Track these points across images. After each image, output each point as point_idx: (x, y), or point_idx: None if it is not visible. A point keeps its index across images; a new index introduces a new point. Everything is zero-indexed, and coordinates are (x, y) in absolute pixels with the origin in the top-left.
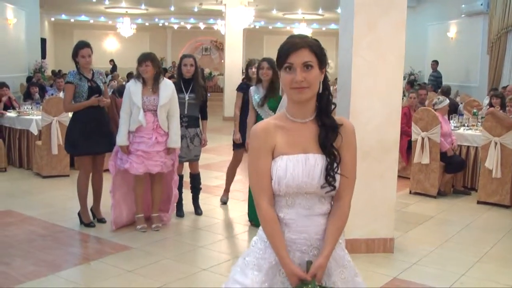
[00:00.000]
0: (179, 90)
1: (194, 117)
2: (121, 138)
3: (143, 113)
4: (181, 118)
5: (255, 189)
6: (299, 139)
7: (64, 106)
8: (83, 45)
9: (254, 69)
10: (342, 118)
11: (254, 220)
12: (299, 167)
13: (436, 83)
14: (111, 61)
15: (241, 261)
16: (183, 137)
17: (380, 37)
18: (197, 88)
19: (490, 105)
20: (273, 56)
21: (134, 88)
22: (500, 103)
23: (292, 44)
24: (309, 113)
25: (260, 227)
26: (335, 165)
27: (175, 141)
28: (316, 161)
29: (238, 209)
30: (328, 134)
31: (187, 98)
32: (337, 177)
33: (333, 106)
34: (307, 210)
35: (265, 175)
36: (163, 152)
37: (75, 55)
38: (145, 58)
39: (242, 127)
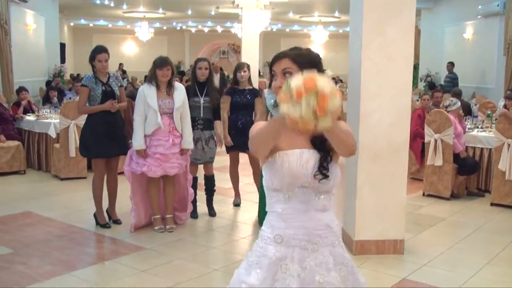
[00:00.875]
0: (194, 94)
1: (209, 120)
2: (138, 142)
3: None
4: (196, 121)
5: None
6: (296, 137)
7: (78, 109)
8: (100, 50)
9: (242, 73)
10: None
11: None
12: (294, 159)
13: (452, 84)
14: (121, 65)
15: (245, 263)
16: (198, 139)
17: (389, 40)
18: (211, 92)
19: (505, 107)
20: None
21: (148, 92)
22: None
23: (276, 56)
24: None
25: (262, 227)
26: (328, 159)
27: (190, 142)
28: (310, 155)
29: (251, 211)
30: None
31: (202, 101)
32: (332, 169)
33: None
34: (304, 204)
35: None
36: (178, 153)
37: (92, 59)
38: (166, 63)
39: (232, 129)
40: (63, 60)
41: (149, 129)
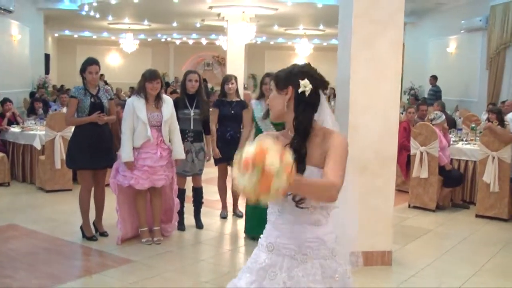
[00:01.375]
0: (184, 106)
1: (199, 132)
2: (128, 155)
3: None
4: (186, 133)
5: None
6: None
7: (66, 120)
8: (92, 62)
9: (230, 85)
10: (331, 129)
11: (250, 233)
12: None
13: (435, 97)
14: (102, 76)
15: (241, 271)
16: (188, 151)
17: (377, 54)
18: (201, 104)
19: (488, 120)
20: (274, 71)
21: (138, 104)
22: (496, 118)
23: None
24: (290, 126)
25: (261, 237)
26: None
27: (180, 152)
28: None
29: (239, 223)
30: (297, 139)
31: (192, 113)
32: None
33: (310, 120)
34: (295, 217)
35: None
36: (165, 166)
37: (83, 70)
38: (156, 76)
39: (220, 141)
40: (47, 71)
41: (138, 141)
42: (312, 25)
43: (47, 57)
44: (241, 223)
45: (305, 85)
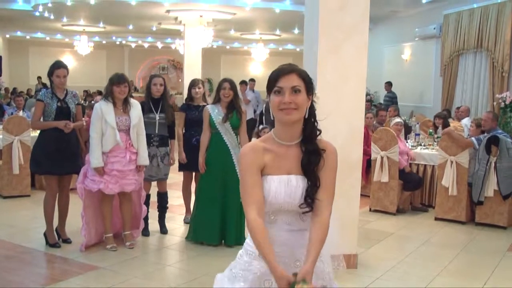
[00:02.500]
0: (148, 110)
1: (164, 136)
2: (97, 160)
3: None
4: (151, 138)
5: (246, 201)
6: (284, 161)
7: (32, 123)
8: (59, 65)
9: (197, 89)
10: (326, 143)
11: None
12: (282, 187)
13: (391, 103)
14: (39, 78)
15: (228, 272)
16: (154, 156)
17: (343, 60)
18: (166, 108)
19: (434, 125)
20: (230, 75)
21: (106, 109)
22: (442, 123)
23: (282, 69)
24: (295, 137)
25: (246, 241)
26: (315, 188)
27: (145, 158)
28: (297, 183)
29: None
30: (311, 159)
31: (157, 118)
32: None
33: (318, 132)
34: (288, 225)
35: (255, 188)
36: (135, 170)
37: (50, 74)
38: (123, 80)
39: (186, 146)
40: None
41: (106, 146)
42: (269, 30)
43: None
44: None
45: (317, 94)
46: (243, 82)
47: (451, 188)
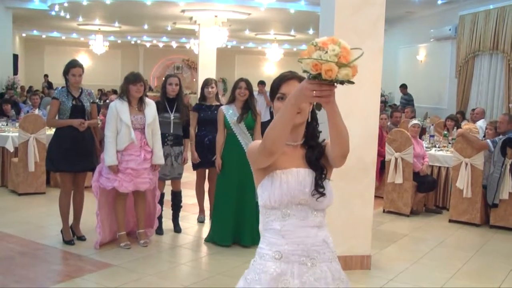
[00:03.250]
0: (163, 110)
1: (178, 136)
2: (111, 158)
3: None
4: (166, 137)
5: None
6: (290, 158)
7: (47, 121)
8: (75, 64)
9: (210, 89)
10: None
11: (212, 240)
12: (292, 177)
13: (408, 106)
14: (46, 76)
15: (242, 281)
16: (168, 155)
17: (358, 62)
18: (181, 108)
19: (445, 126)
20: (244, 75)
21: (121, 107)
22: (454, 126)
23: (283, 77)
24: (299, 138)
25: (259, 245)
26: (323, 177)
27: (160, 157)
28: (306, 173)
29: None
30: (314, 152)
31: (172, 117)
32: (327, 186)
33: (318, 133)
34: (301, 221)
35: None
36: (149, 169)
37: (66, 72)
38: (139, 79)
39: (199, 146)
40: (15, 71)
41: (121, 144)
42: (283, 30)
43: (15, 57)
44: None
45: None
46: (262, 82)
47: (466, 190)
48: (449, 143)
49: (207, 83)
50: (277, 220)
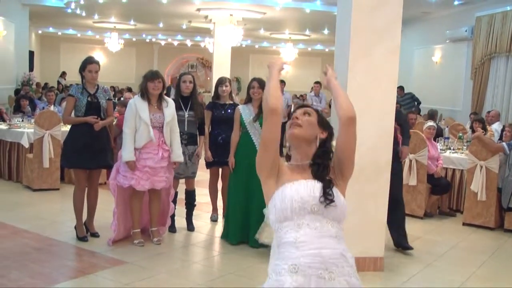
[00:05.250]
0: (178, 108)
1: (193, 134)
2: (129, 154)
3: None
4: (180, 136)
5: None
6: (299, 174)
7: (63, 118)
8: (91, 61)
9: (224, 88)
10: None
11: (227, 238)
12: (301, 185)
13: (413, 101)
14: (64, 74)
15: None
16: (182, 154)
17: (374, 62)
18: (195, 106)
19: (471, 128)
20: (259, 74)
21: (140, 105)
22: (481, 127)
23: (298, 106)
24: (306, 158)
25: (273, 262)
26: (331, 185)
27: (179, 155)
28: (314, 184)
29: None
30: (319, 167)
31: (186, 115)
32: (337, 195)
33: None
34: (315, 230)
35: None
36: (166, 167)
37: (82, 69)
38: (157, 76)
39: (213, 144)
40: (31, 68)
41: (140, 142)
42: (298, 30)
43: (31, 54)
44: None
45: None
46: (281, 82)
47: (480, 193)
48: (464, 146)
49: (221, 81)
50: (291, 232)
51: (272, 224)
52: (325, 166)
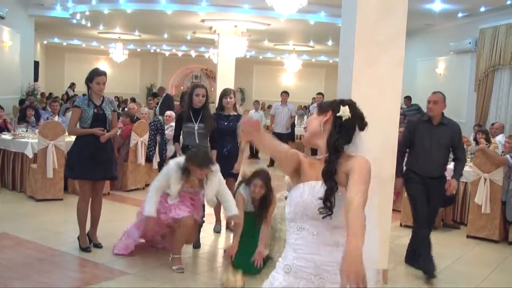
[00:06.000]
0: (188, 119)
1: (203, 147)
2: (151, 210)
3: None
4: (190, 149)
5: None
6: (316, 171)
7: (68, 129)
8: (100, 73)
9: (229, 99)
10: (356, 156)
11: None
12: (307, 190)
13: (419, 113)
14: (73, 85)
15: None
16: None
17: (379, 74)
18: (206, 118)
19: (475, 140)
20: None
21: (175, 179)
22: (485, 139)
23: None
24: (322, 152)
25: (279, 260)
26: (332, 192)
27: (235, 208)
28: (321, 186)
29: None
30: (328, 167)
31: (196, 127)
32: (338, 204)
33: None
34: (314, 237)
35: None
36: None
37: (90, 80)
38: (208, 164)
39: (217, 156)
40: (36, 78)
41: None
42: (302, 41)
43: (36, 64)
44: None
45: (344, 111)
46: (285, 93)
47: (484, 206)
48: (468, 158)
49: (225, 93)
50: (293, 233)
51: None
52: (333, 165)
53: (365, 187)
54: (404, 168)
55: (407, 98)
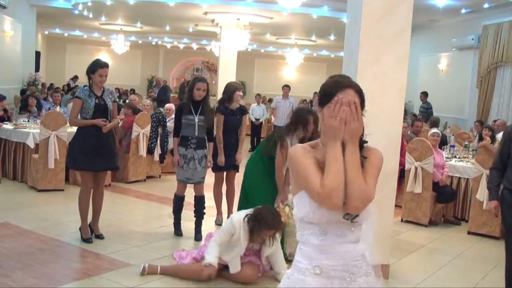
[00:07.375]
0: (188, 112)
1: (202, 139)
2: (212, 259)
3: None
4: (190, 140)
5: (309, 180)
6: None
7: (70, 120)
8: (103, 65)
9: (240, 92)
10: (371, 148)
11: None
12: None
13: (426, 114)
14: (75, 78)
15: None
16: (191, 159)
17: (383, 70)
18: (206, 111)
19: (479, 136)
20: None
21: (243, 236)
22: (490, 136)
23: (339, 83)
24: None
25: (296, 259)
26: None
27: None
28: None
29: None
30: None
31: (196, 120)
32: None
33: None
34: (339, 237)
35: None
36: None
37: (92, 71)
38: (276, 228)
39: (225, 149)
40: (37, 68)
41: (227, 256)
42: (304, 35)
43: (37, 54)
44: None
45: (366, 110)
46: (287, 86)
47: (486, 202)
48: (470, 154)
49: (237, 87)
50: (315, 236)
51: (295, 216)
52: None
53: (375, 183)
54: (501, 187)
55: (424, 94)
